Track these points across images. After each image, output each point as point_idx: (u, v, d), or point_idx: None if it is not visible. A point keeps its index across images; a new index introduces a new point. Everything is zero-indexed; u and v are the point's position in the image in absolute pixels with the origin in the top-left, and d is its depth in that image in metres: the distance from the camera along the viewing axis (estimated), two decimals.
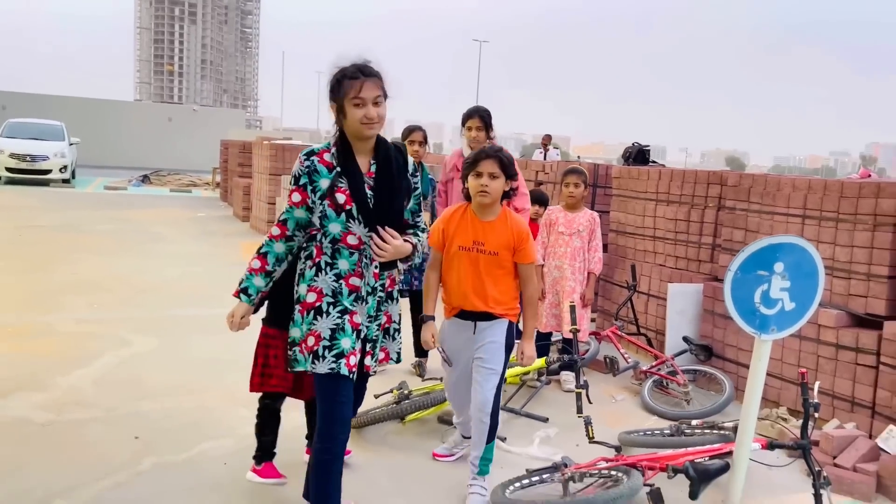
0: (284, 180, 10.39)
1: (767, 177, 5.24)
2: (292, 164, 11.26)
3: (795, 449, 3.47)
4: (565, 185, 5.26)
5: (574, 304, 4.66)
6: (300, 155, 2.75)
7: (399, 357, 2.97)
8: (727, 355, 5.16)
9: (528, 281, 3.39)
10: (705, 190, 5.75)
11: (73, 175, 18.94)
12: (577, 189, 5.21)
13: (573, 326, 4.51)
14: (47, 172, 17.60)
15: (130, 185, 19.48)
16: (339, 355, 2.66)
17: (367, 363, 2.81)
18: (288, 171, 10.94)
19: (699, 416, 4.38)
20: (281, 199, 10.62)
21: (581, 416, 3.77)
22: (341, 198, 2.68)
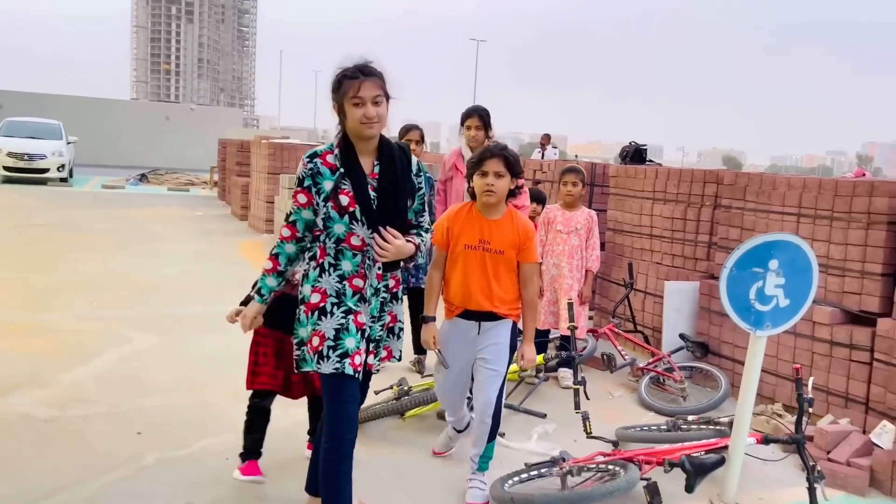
0: (283, 179, 10.41)
1: (763, 176, 5.28)
2: (291, 163, 11.14)
3: (790, 444, 3.52)
4: (563, 184, 5.30)
5: (572, 302, 4.72)
6: (303, 157, 2.74)
7: (400, 355, 2.99)
8: (723, 352, 5.21)
9: (529, 281, 3.38)
10: (702, 189, 5.79)
11: (71, 174, 18.95)
12: (574, 188, 5.25)
13: (571, 324, 4.56)
14: (45, 171, 17.60)
15: (128, 184, 19.48)
16: (344, 355, 2.66)
17: (370, 361, 2.81)
18: (286, 170, 10.97)
19: (695, 411, 4.42)
20: (280, 198, 10.63)
21: (579, 412, 3.82)
22: (344, 199, 2.67)
